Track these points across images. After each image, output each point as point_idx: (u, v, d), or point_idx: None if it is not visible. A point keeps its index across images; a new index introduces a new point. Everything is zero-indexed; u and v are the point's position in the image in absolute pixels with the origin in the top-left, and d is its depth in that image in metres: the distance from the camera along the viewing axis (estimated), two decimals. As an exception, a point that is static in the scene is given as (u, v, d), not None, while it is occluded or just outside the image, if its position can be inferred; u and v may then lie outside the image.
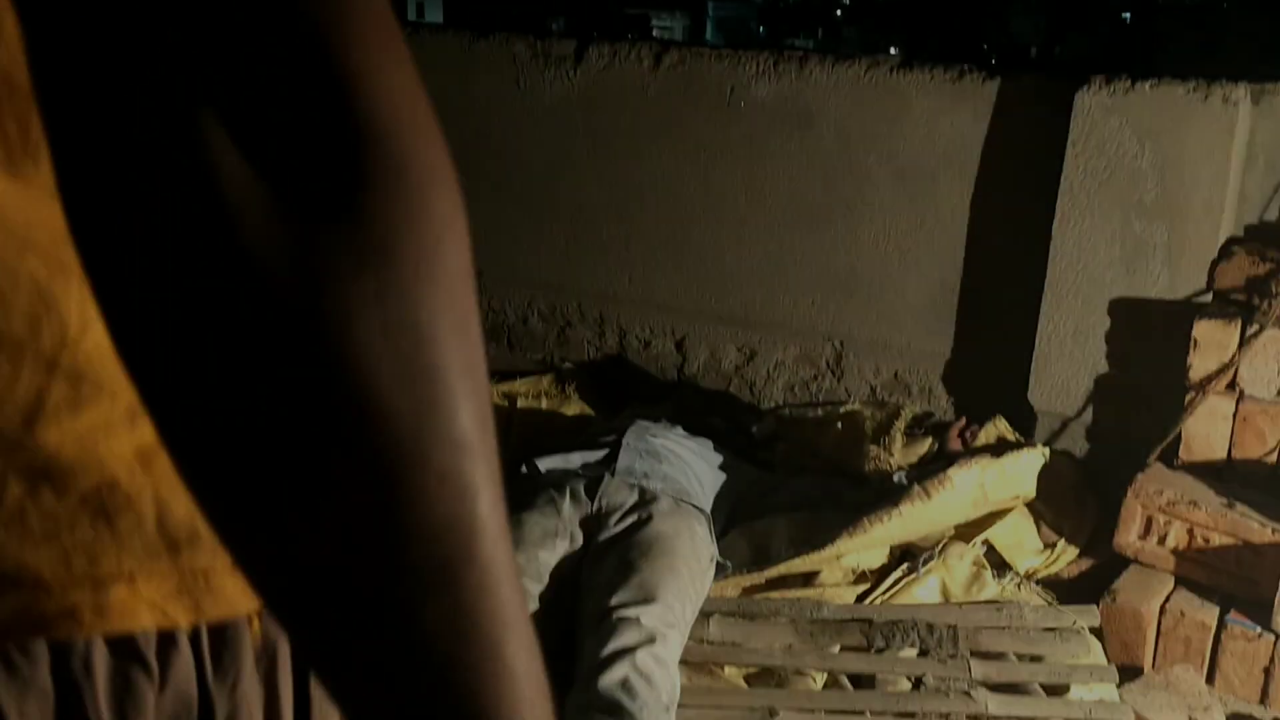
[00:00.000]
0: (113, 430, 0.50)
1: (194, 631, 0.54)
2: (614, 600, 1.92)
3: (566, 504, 2.26)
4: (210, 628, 0.54)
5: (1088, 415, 2.72)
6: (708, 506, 2.39)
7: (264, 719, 0.58)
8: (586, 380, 3.29)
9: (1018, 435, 2.65)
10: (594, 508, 2.26)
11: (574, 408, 3.12)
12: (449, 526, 0.40)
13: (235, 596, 0.54)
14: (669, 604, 1.93)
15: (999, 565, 2.46)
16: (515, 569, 0.44)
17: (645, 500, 2.26)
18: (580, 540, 2.20)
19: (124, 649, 0.51)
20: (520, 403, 3.11)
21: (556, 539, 2.16)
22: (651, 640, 1.82)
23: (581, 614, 1.99)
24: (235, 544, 0.41)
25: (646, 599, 1.91)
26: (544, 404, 3.13)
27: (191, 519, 0.52)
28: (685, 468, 2.46)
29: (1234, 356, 2.43)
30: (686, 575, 2.04)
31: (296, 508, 0.39)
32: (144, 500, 0.51)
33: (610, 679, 1.75)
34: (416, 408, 0.39)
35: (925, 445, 2.86)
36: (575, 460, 2.46)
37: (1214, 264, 2.53)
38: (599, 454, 2.48)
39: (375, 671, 0.42)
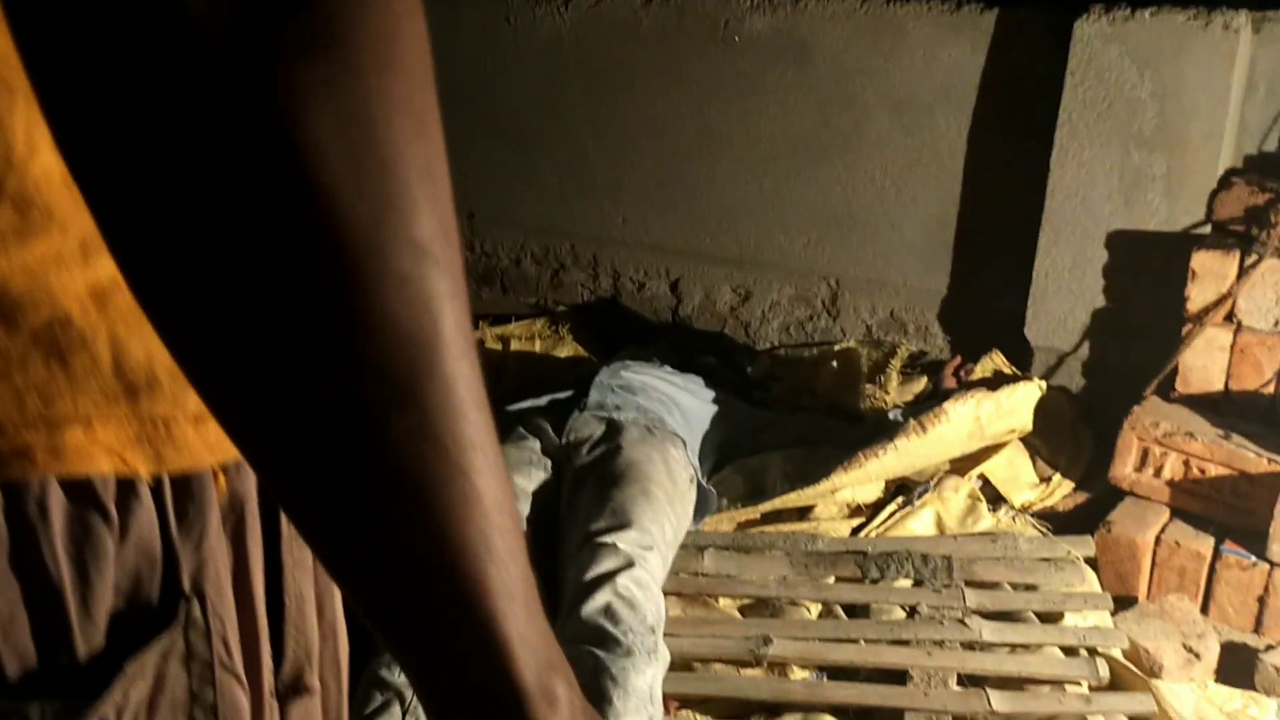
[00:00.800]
0: (64, 264, 0.48)
1: (155, 483, 0.52)
2: (591, 528, 1.92)
3: (535, 439, 2.26)
4: (173, 480, 0.52)
5: (1084, 350, 2.71)
6: (690, 437, 2.37)
7: (232, 579, 0.56)
8: (581, 323, 3.27)
9: (1014, 369, 2.63)
10: (563, 440, 2.26)
11: (567, 349, 3.10)
12: (411, 336, 0.38)
13: (198, 448, 0.52)
14: (644, 528, 1.92)
15: (994, 498, 2.45)
16: (483, 396, 0.42)
17: (613, 430, 2.25)
18: (551, 473, 2.19)
19: (81, 493, 0.49)
20: (514, 345, 3.09)
21: (531, 468, 2.15)
22: (630, 564, 1.82)
23: (561, 546, 1.99)
24: (195, 360, 0.39)
25: (622, 525, 1.91)
26: (537, 346, 3.11)
27: (150, 364, 0.50)
28: (664, 399, 2.44)
29: (1232, 287, 2.41)
30: (662, 498, 2.03)
31: (254, 312, 0.37)
32: (99, 340, 0.49)
33: (592, 606, 1.74)
34: (371, 204, 0.37)
35: (921, 384, 2.85)
36: (544, 401, 2.46)
37: (1213, 195, 2.51)
38: (569, 393, 2.47)
39: (343, 498, 0.40)
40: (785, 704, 1.86)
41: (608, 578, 1.78)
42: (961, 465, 2.48)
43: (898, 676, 1.90)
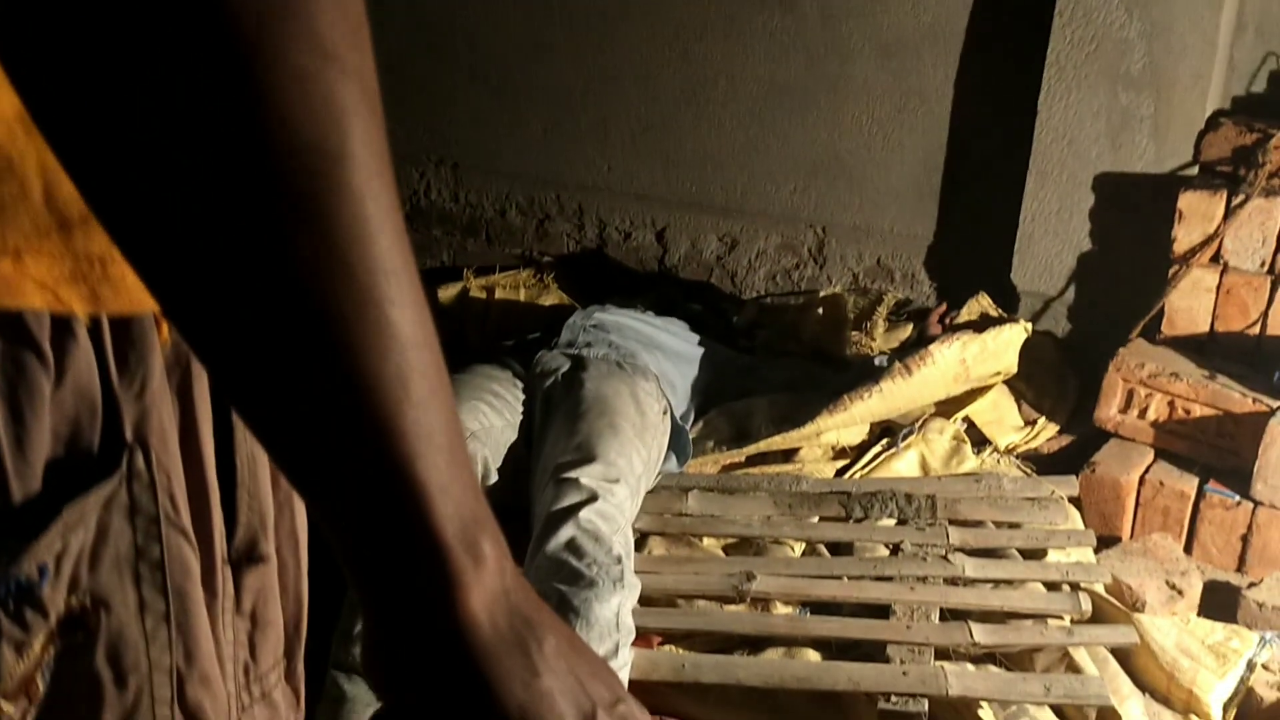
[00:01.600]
0: (-12, 85, 0.45)
1: (93, 325, 0.50)
2: (556, 463, 1.90)
3: (504, 373, 2.25)
4: (112, 323, 0.51)
5: (1070, 294, 2.70)
6: (670, 376, 2.35)
7: (179, 436, 0.55)
8: (566, 274, 3.24)
9: (1000, 311, 2.62)
10: (529, 375, 2.25)
11: (552, 298, 3.08)
12: (312, 144, 0.36)
13: (137, 290, 0.50)
14: (610, 461, 1.90)
15: (979, 441, 2.45)
16: (399, 224, 0.40)
17: (579, 365, 2.23)
18: (520, 411, 2.18)
19: (12, 329, 0.47)
20: (498, 294, 3.07)
21: (496, 401, 2.13)
22: (594, 498, 1.80)
23: (530, 480, 1.98)
24: (86, 169, 0.37)
25: (586, 459, 1.89)
26: (522, 295, 3.09)
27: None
28: (640, 338, 2.42)
29: (1219, 228, 2.39)
30: (630, 431, 2.01)
31: (145, 107, 0.35)
32: (28, 168, 0.47)
33: (556, 542, 1.73)
34: None
35: (907, 330, 2.84)
36: (514, 340, 2.44)
37: (1201, 135, 2.49)
38: (537, 334, 2.45)
39: (246, 327, 0.38)
40: (767, 638, 1.86)
41: (571, 512, 1.77)
42: (946, 408, 2.47)
43: (880, 611, 1.90)
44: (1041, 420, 2.52)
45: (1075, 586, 1.96)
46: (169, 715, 0.54)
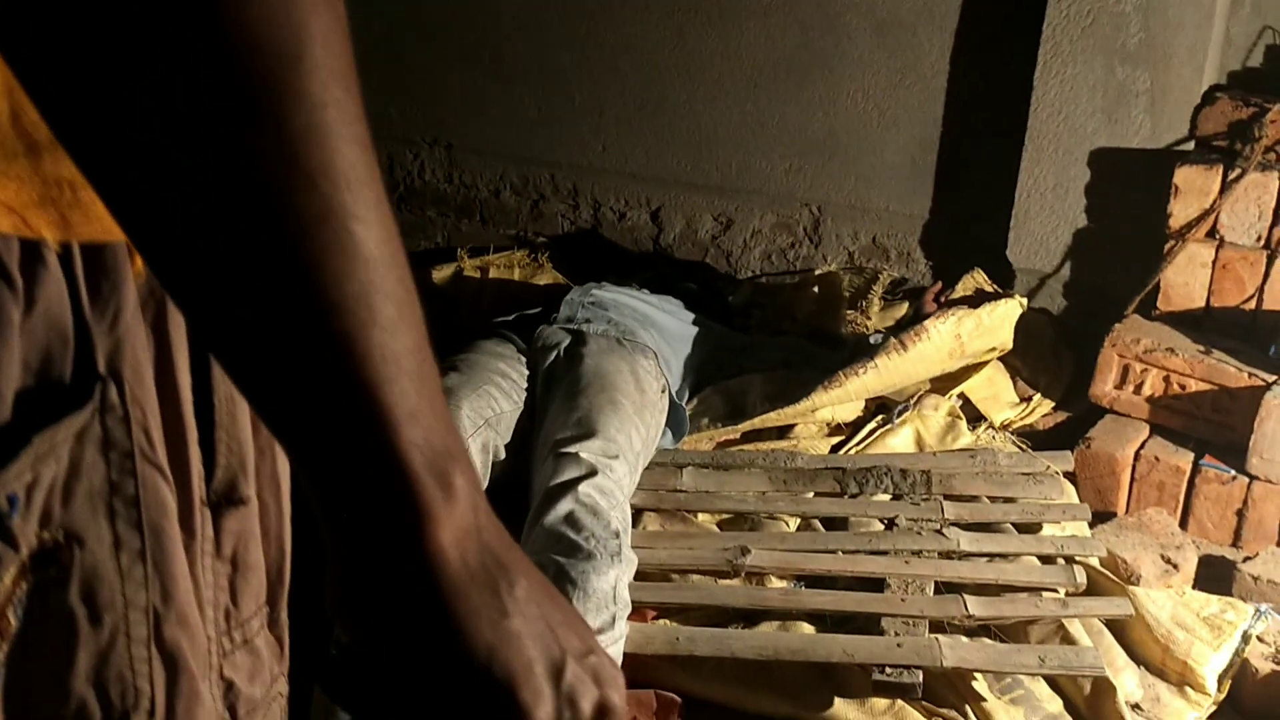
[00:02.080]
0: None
1: (64, 253, 0.49)
2: (555, 438, 1.89)
3: (508, 348, 2.24)
4: (84, 252, 0.50)
5: (1066, 271, 2.69)
6: (665, 353, 2.35)
7: (155, 372, 0.54)
8: (561, 254, 3.23)
9: (995, 286, 2.61)
10: (530, 350, 2.24)
11: (547, 277, 3.07)
12: (268, 44, 0.35)
13: (109, 220, 0.49)
14: (610, 437, 1.89)
15: (974, 417, 2.44)
16: (365, 135, 0.39)
17: (580, 340, 2.22)
18: (523, 387, 2.17)
19: (-21, 253, 0.46)
20: (492, 273, 3.06)
21: (504, 383, 2.12)
22: (592, 473, 1.79)
23: (530, 455, 1.97)
24: (33, 59, 0.36)
25: (586, 434, 1.88)
26: (516, 275, 3.07)
27: (53, 121, 0.47)
28: (637, 316, 2.41)
29: (1215, 202, 2.38)
30: (629, 407, 2.00)
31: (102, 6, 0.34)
32: (-6, 88, 0.46)
33: (554, 515, 1.72)
34: None
35: (902, 309, 2.83)
36: (514, 316, 2.43)
37: (1197, 110, 2.48)
38: (537, 310, 2.45)
39: (207, 242, 0.38)
40: (762, 612, 1.85)
41: (569, 486, 1.76)
42: (942, 384, 2.46)
43: (875, 585, 1.89)
44: (1037, 397, 2.51)
45: (1070, 560, 1.96)
46: (145, 655, 0.53)
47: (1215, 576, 2.09)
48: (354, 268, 0.38)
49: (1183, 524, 2.27)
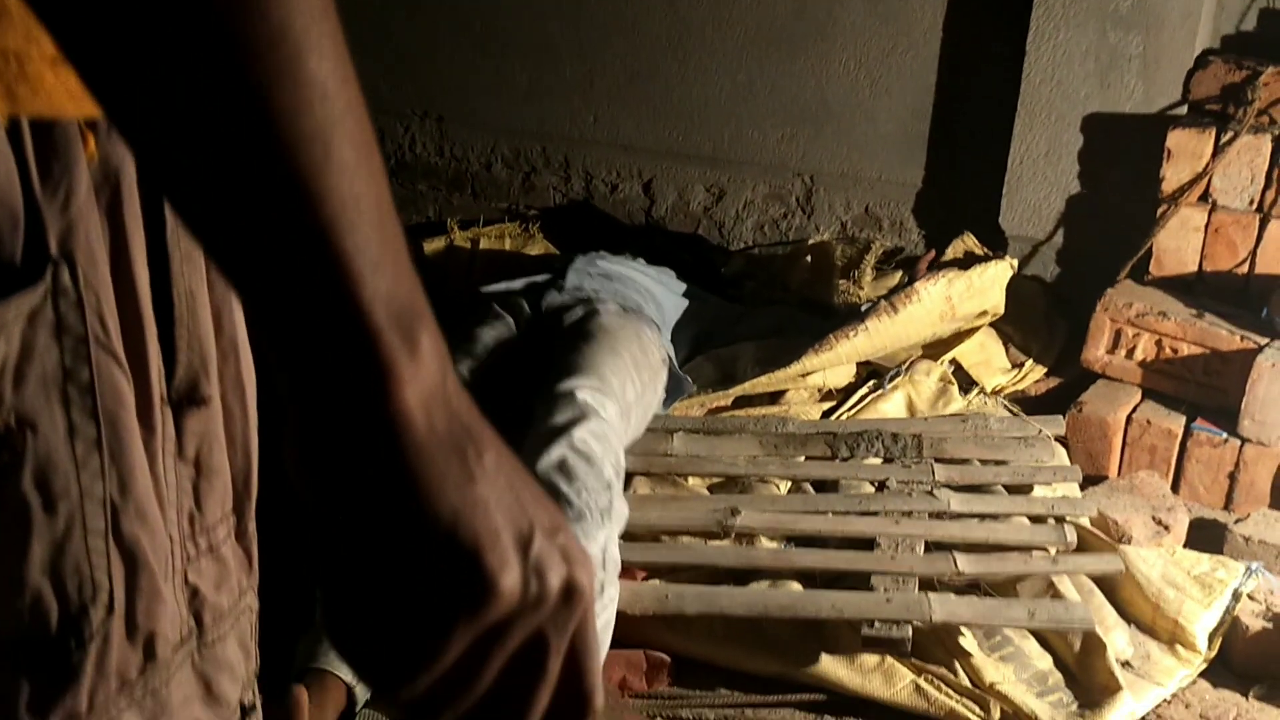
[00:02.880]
0: None
1: (12, 127, 0.48)
2: (551, 378, 1.88)
3: (510, 317, 2.23)
4: (34, 129, 0.49)
5: (1059, 238, 2.68)
6: (662, 325, 2.34)
7: (111, 261, 0.53)
8: (553, 227, 3.22)
9: (985, 249, 2.60)
10: (538, 313, 2.23)
11: (538, 248, 3.05)
12: None
13: (58, 94, 0.48)
14: (604, 377, 1.88)
15: (966, 383, 2.43)
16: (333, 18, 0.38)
17: (593, 312, 2.21)
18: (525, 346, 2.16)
19: (-78, 120, 0.45)
20: (483, 244, 3.05)
21: (502, 345, 2.12)
22: (586, 416, 1.77)
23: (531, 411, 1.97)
24: None
25: (582, 373, 1.87)
26: (507, 245, 3.06)
27: (-2, -9, 0.46)
28: (639, 289, 2.41)
29: (1208, 166, 2.37)
30: (629, 360, 1.99)
31: None
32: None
33: (547, 461, 1.70)
34: None
35: (895, 278, 2.82)
36: (520, 284, 2.42)
37: (1190, 74, 2.46)
38: (545, 276, 2.43)
39: (154, 70, 0.36)
40: (752, 571, 1.85)
41: (564, 430, 1.74)
42: (933, 350, 2.46)
43: (865, 545, 1.89)
44: (1029, 363, 2.51)
45: (1060, 520, 1.96)
46: (103, 548, 0.52)
47: (1207, 539, 2.09)
48: (309, 102, 0.37)
49: (1174, 487, 2.27)
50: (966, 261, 2.41)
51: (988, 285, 2.35)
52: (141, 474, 0.54)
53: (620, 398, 1.90)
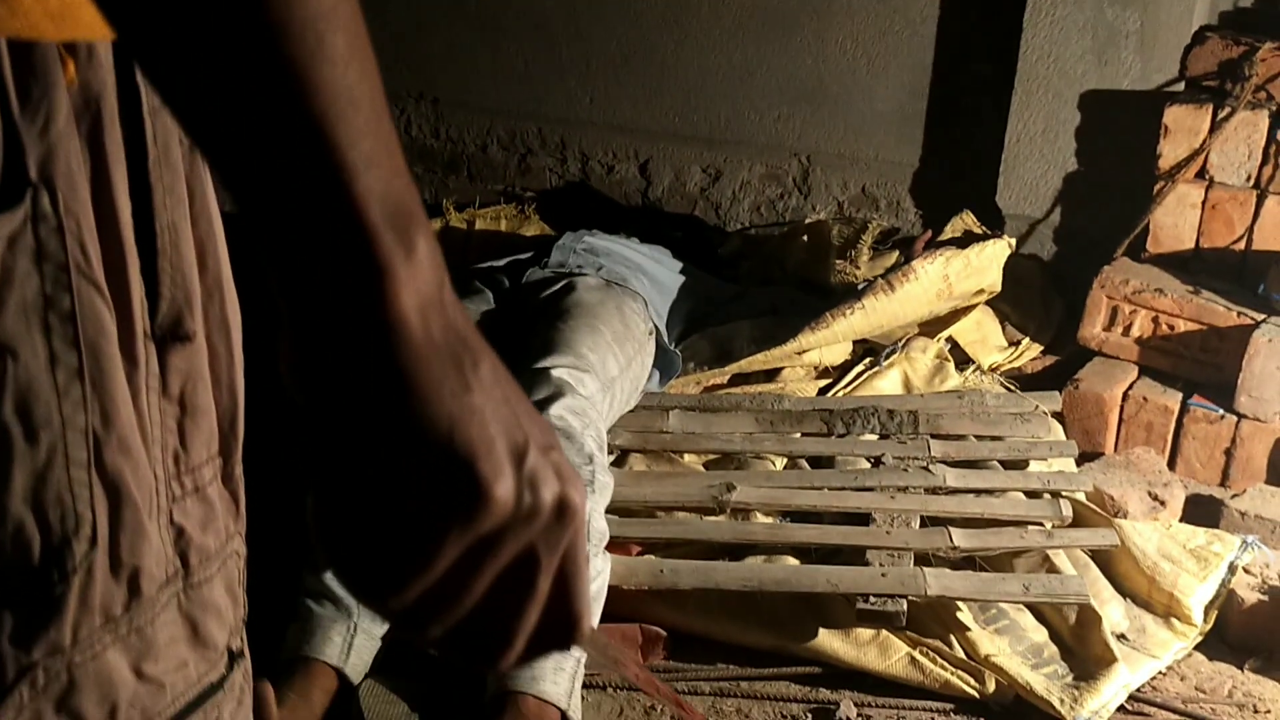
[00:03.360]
0: None
1: (-11, 47, 0.47)
2: (527, 357, 1.87)
3: (489, 291, 2.22)
4: (11, 51, 0.48)
5: (1056, 216, 2.67)
6: (654, 301, 2.33)
7: (92, 189, 0.52)
8: (549, 209, 3.21)
9: (984, 228, 2.59)
10: (517, 291, 2.22)
11: (534, 228, 3.05)
12: None
13: (36, 14, 0.48)
14: (581, 354, 1.87)
15: (962, 361, 2.43)
16: None
17: (570, 287, 2.19)
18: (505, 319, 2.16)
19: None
20: (478, 225, 3.04)
21: (480, 318, 2.11)
22: (561, 392, 1.76)
23: None
24: None
25: (556, 351, 1.86)
26: (503, 226, 3.06)
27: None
28: (628, 264, 2.40)
29: (1205, 142, 2.37)
30: (608, 335, 1.98)
31: None
32: None
33: None
34: None
35: (892, 258, 2.81)
36: (503, 261, 2.41)
37: (1187, 50, 2.45)
38: (530, 254, 2.43)
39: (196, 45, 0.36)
40: (747, 546, 1.85)
41: (540, 407, 1.73)
42: (930, 328, 2.45)
43: (861, 520, 1.89)
44: (1025, 341, 2.50)
45: (1056, 494, 1.95)
46: (85, 479, 0.51)
47: (1203, 515, 2.08)
48: (323, 81, 0.37)
49: (1171, 464, 2.27)
50: (965, 240, 2.41)
51: (986, 264, 2.34)
52: (124, 406, 0.53)
53: (601, 372, 1.89)
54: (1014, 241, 2.44)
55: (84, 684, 0.53)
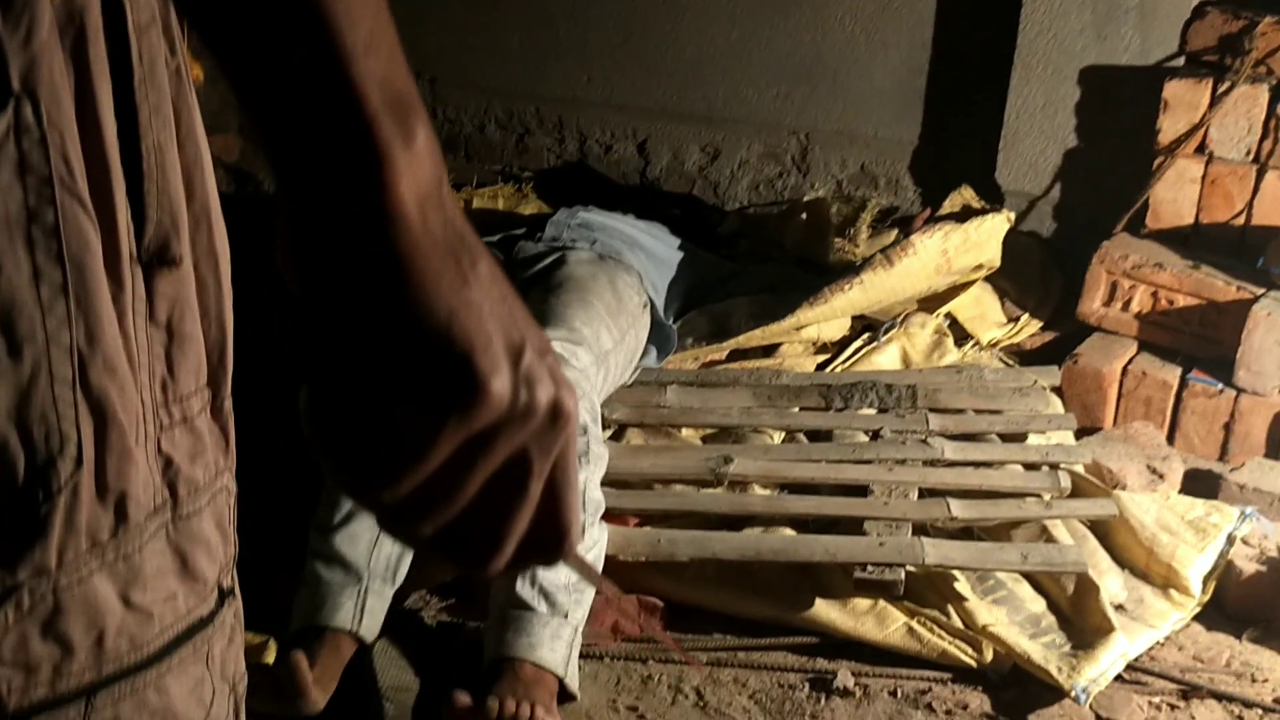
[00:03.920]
0: None
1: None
2: None
3: None
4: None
5: (1055, 193, 2.67)
6: (650, 276, 2.32)
7: (76, 104, 0.51)
8: (547, 188, 3.20)
9: (983, 202, 2.59)
10: (510, 263, 2.21)
11: (532, 207, 3.04)
12: None
13: (18, -79, 0.47)
14: (574, 327, 1.86)
15: (961, 336, 2.42)
16: None
17: (561, 260, 2.18)
18: None
19: None
20: (475, 204, 3.03)
21: None
22: None
23: None
24: None
25: (550, 324, 1.85)
26: (501, 205, 3.05)
27: None
28: (624, 239, 2.38)
29: (1204, 117, 2.36)
30: (601, 309, 1.97)
31: None
32: None
33: None
34: None
35: (890, 237, 2.80)
36: (497, 236, 2.40)
37: (1187, 25, 2.44)
38: (523, 230, 2.42)
39: None
40: (745, 518, 1.84)
41: None
42: (929, 304, 2.45)
43: (859, 492, 1.88)
44: (1024, 317, 2.50)
45: (1055, 466, 1.95)
46: (70, 398, 0.51)
47: (1202, 489, 2.08)
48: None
49: (1170, 438, 2.26)
50: (963, 214, 2.40)
51: (984, 238, 2.33)
52: (110, 326, 0.53)
53: (594, 345, 1.88)
54: (1013, 216, 2.44)
55: (70, 608, 0.52)
